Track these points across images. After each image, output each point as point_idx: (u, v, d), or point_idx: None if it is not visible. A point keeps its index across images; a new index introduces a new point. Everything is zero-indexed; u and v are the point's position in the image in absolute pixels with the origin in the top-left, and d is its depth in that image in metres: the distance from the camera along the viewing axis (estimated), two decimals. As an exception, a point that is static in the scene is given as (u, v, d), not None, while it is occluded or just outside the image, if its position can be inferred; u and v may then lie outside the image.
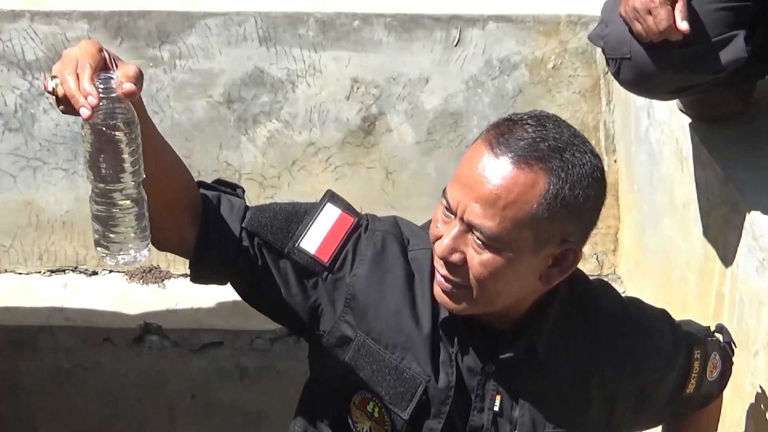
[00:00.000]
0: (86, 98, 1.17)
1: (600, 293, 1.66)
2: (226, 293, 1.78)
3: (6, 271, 2.82)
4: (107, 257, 1.29)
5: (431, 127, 2.76)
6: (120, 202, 1.28)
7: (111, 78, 1.21)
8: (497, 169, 1.33)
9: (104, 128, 1.23)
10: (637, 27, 1.90)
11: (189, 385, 2.70)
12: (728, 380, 1.78)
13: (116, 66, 1.23)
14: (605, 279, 2.65)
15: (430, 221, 1.46)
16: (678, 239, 2.39)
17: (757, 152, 2.14)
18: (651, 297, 2.39)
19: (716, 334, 1.74)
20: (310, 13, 2.63)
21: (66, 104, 1.22)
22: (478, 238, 1.33)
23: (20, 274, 2.85)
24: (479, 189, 1.33)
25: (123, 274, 2.83)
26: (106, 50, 1.22)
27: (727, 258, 2.15)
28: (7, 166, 2.72)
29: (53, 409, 2.73)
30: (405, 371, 1.50)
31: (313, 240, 1.49)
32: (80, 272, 2.83)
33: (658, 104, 2.44)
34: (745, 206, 2.02)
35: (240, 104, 2.75)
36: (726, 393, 1.87)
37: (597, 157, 1.39)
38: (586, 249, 2.36)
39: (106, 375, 2.64)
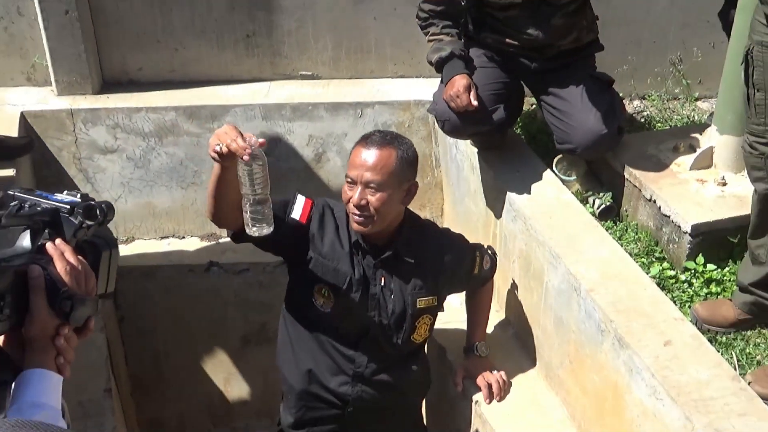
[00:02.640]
0: (244, 150, 1.93)
1: (430, 223, 2.74)
2: (248, 247, 2.47)
3: (135, 239, 3.79)
4: (256, 231, 2.11)
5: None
6: (261, 202, 2.07)
7: (252, 137, 2.00)
8: (371, 153, 2.37)
9: (254, 164, 1.99)
10: (452, 104, 2.89)
11: (233, 291, 3.64)
12: (495, 270, 2.80)
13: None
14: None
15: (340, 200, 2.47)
16: (473, 208, 3.39)
17: (509, 164, 3.13)
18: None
19: (488, 248, 2.79)
20: (286, 103, 3.60)
21: (227, 157, 2.02)
22: (371, 187, 2.33)
23: (144, 239, 3.82)
24: (366, 164, 2.35)
25: (199, 237, 3.83)
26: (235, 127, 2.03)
27: (497, 216, 3.13)
28: (137, 185, 3.69)
29: (167, 307, 3.71)
30: (339, 270, 2.46)
31: (296, 212, 2.43)
32: (175, 237, 3.84)
33: (461, 142, 3.36)
34: (505, 190, 3.03)
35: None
36: (497, 279, 2.96)
37: (410, 141, 2.49)
38: (429, 215, 3.58)
39: (192, 288, 3.67)
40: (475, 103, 2.86)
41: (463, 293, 2.87)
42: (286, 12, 3.60)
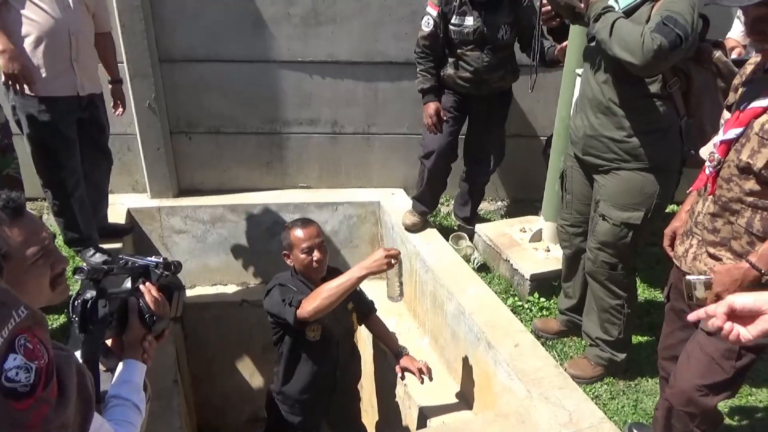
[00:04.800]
0: (398, 254, 2.06)
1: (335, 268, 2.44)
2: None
3: (195, 285, 3.64)
4: (397, 299, 2.20)
5: (336, 240, 3.53)
6: (400, 285, 2.20)
7: (394, 249, 2.07)
8: (311, 227, 2.29)
9: (399, 266, 2.10)
10: (427, 121, 2.86)
11: (256, 317, 3.23)
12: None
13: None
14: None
15: (287, 274, 2.32)
16: (405, 266, 3.57)
17: (423, 239, 3.11)
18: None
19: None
20: (291, 203, 3.55)
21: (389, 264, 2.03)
22: (321, 245, 2.27)
23: (201, 286, 3.67)
24: (313, 234, 2.27)
25: (236, 284, 3.68)
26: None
27: (417, 270, 3.10)
28: (198, 253, 3.61)
29: (214, 328, 3.59)
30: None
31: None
32: (221, 284, 3.70)
33: (397, 225, 3.27)
34: (421, 254, 2.57)
35: (269, 225, 3.55)
36: (417, 307, 2.97)
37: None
38: None
39: (230, 316, 3.59)
40: (444, 117, 2.88)
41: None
42: (291, 149, 3.63)
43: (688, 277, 1.65)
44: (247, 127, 3.57)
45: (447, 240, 3.19)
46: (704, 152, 1.78)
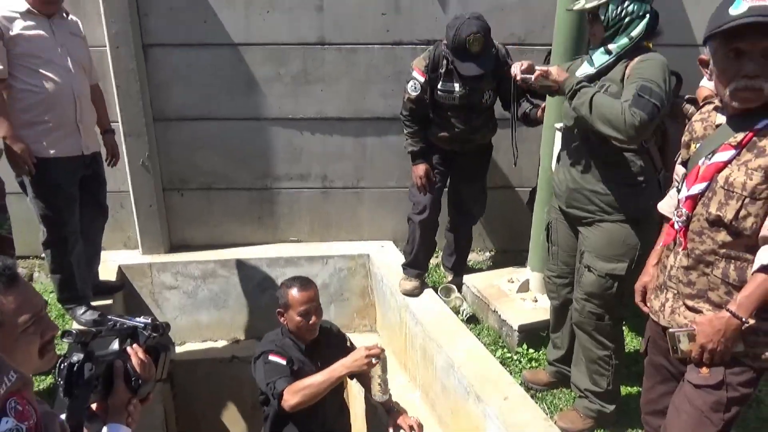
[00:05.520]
0: (382, 352, 2.01)
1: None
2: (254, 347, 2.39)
3: (185, 342, 3.58)
4: (380, 399, 2.18)
5: (326, 293, 3.20)
6: (383, 384, 2.16)
7: (377, 346, 2.05)
8: (310, 290, 2.28)
9: (382, 364, 2.11)
10: (417, 182, 2.94)
11: (246, 375, 2.78)
12: None
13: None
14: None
15: (278, 333, 2.32)
16: (393, 319, 3.27)
17: (412, 293, 3.49)
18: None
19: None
20: (281, 257, 3.56)
21: (370, 364, 2.03)
22: (318, 309, 2.28)
23: (192, 342, 3.63)
24: (312, 297, 2.28)
25: (226, 341, 3.64)
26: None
27: (406, 323, 3.08)
28: (188, 309, 3.58)
29: (204, 385, 3.54)
30: (304, 370, 2.23)
31: (285, 366, 2.20)
32: (211, 341, 3.65)
33: (386, 277, 3.29)
34: (411, 307, 3.18)
35: (259, 280, 3.58)
36: (408, 360, 2.48)
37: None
38: (367, 323, 3.66)
39: (220, 373, 3.55)
40: (434, 178, 2.99)
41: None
42: (281, 203, 3.68)
43: (671, 330, 1.67)
44: (238, 183, 3.63)
45: (436, 292, 3.22)
46: (662, 208, 1.84)
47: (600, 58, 2.07)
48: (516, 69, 2.14)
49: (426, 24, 3.29)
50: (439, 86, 2.83)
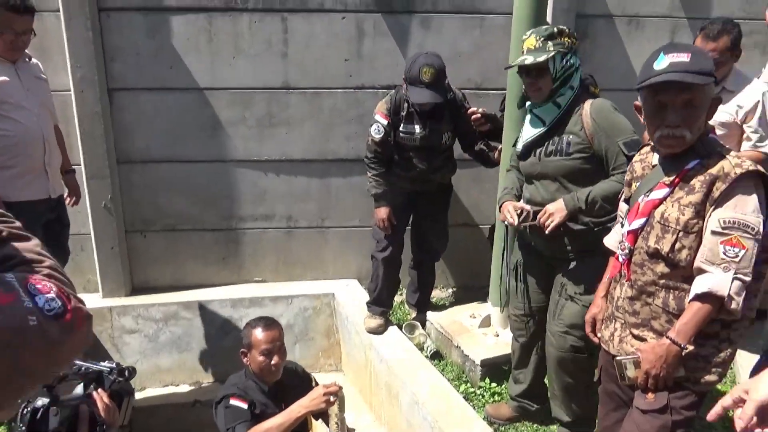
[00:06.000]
0: (340, 390, 1.95)
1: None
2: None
3: (146, 387, 3.54)
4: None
5: (291, 333, 3.29)
6: (339, 423, 2.11)
7: (336, 384, 2.00)
8: (273, 330, 2.24)
9: (340, 403, 2.06)
10: (379, 225, 3.01)
11: (209, 418, 2.81)
12: None
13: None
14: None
15: (241, 375, 2.27)
16: (358, 357, 3.27)
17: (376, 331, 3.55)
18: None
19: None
20: (246, 297, 3.54)
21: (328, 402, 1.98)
22: (281, 349, 2.24)
23: (152, 387, 3.56)
24: (275, 337, 2.24)
25: (188, 384, 3.57)
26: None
27: (371, 361, 3.09)
28: (149, 353, 3.53)
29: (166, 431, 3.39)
30: (267, 412, 2.17)
31: (247, 410, 2.14)
32: (173, 385, 3.59)
33: (351, 316, 3.31)
34: (375, 345, 3.11)
35: (223, 321, 3.54)
36: (373, 398, 2.78)
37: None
38: (332, 362, 3.71)
39: (183, 418, 3.40)
40: (393, 222, 3.04)
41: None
42: (246, 243, 3.71)
43: (618, 358, 1.77)
44: (203, 224, 3.65)
45: (401, 329, 3.27)
46: (608, 242, 1.96)
47: (549, 113, 2.16)
48: (513, 219, 2.22)
49: (387, 70, 3.44)
50: (401, 128, 2.95)
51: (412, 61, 2.81)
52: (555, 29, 2.12)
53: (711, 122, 2.56)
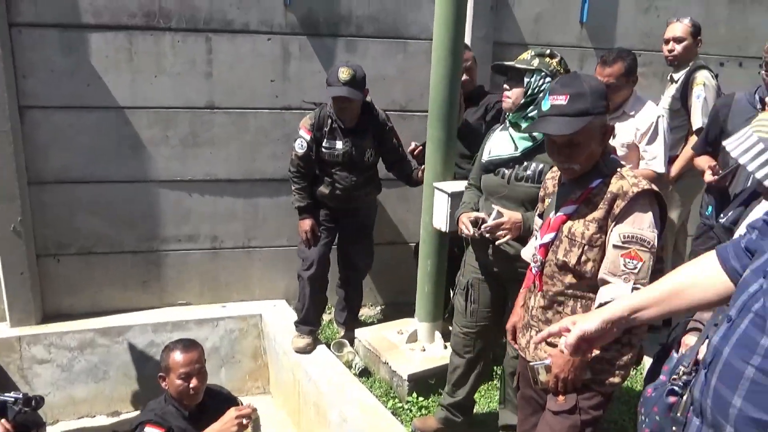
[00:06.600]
0: (254, 411, 1.91)
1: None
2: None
3: (58, 420, 3.37)
4: None
5: (216, 357, 3.45)
6: None
7: (251, 406, 2.01)
8: (192, 352, 2.18)
9: (255, 425, 2.16)
10: (303, 236, 3.27)
11: None
12: None
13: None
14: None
15: (160, 401, 2.19)
16: (287, 378, 3.24)
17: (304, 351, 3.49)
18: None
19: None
20: (169, 321, 3.47)
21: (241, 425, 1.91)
22: (200, 372, 2.15)
23: (65, 420, 3.42)
24: (194, 359, 2.16)
25: (105, 415, 3.46)
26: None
27: (300, 381, 3.07)
28: (62, 383, 3.38)
29: None
30: None
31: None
32: (88, 417, 3.45)
33: (279, 337, 3.30)
34: (303, 365, 3.13)
35: (143, 347, 3.49)
36: (301, 418, 2.92)
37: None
38: (260, 384, 3.66)
39: None
40: (319, 233, 3.08)
41: None
42: (169, 266, 3.64)
43: (530, 363, 1.88)
44: (122, 246, 3.56)
45: (329, 347, 3.28)
46: (524, 255, 2.09)
47: (523, 143, 2.19)
48: (469, 231, 2.23)
49: (313, 91, 3.50)
50: (324, 144, 3.02)
51: (333, 67, 2.96)
52: (549, 51, 2.18)
53: (615, 142, 2.82)
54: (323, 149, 3.04)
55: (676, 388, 1.48)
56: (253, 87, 3.47)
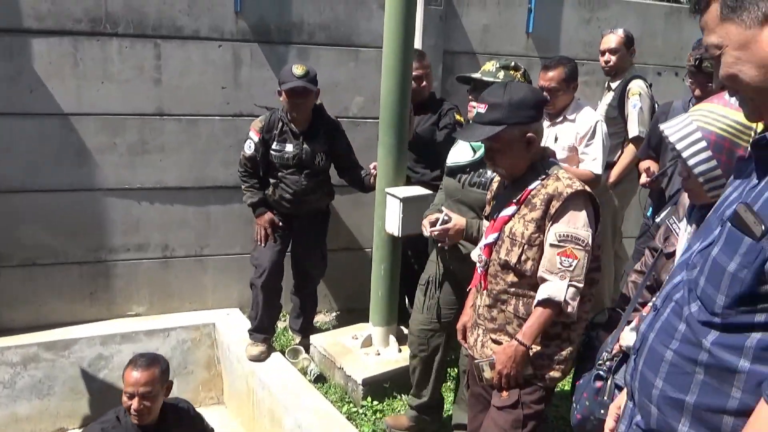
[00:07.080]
0: None
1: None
2: None
3: None
4: None
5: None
6: None
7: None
8: (143, 373, 2.14)
9: None
10: (261, 232, 3.07)
11: None
12: None
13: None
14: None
15: (113, 414, 2.17)
16: (240, 387, 3.21)
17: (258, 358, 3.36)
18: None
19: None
20: (117, 333, 3.38)
21: None
22: (147, 395, 2.12)
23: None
24: (140, 381, 2.14)
25: None
26: None
27: (253, 389, 3.06)
28: (4, 401, 3.25)
29: None
30: None
31: None
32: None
33: (233, 346, 3.27)
34: (256, 372, 3.10)
35: (91, 360, 3.35)
36: (255, 426, 2.97)
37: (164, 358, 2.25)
38: (214, 395, 3.63)
39: None
40: (279, 223, 3.06)
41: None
42: (117, 276, 3.58)
43: (476, 360, 1.96)
44: (67, 257, 3.47)
45: (284, 354, 3.27)
46: (472, 255, 2.16)
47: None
48: (426, 231, 2.30)
49: (265, 97, 3.50)
50: (273, 146, 3.04)
51: (285, 66, 3.04)
52: (513, 63, 2.28)
53: (556, 146, 2.93)
54: (272, 152, 3.06)
55: (602, 373, 1.57)
56: (203, 94, 3.46)
